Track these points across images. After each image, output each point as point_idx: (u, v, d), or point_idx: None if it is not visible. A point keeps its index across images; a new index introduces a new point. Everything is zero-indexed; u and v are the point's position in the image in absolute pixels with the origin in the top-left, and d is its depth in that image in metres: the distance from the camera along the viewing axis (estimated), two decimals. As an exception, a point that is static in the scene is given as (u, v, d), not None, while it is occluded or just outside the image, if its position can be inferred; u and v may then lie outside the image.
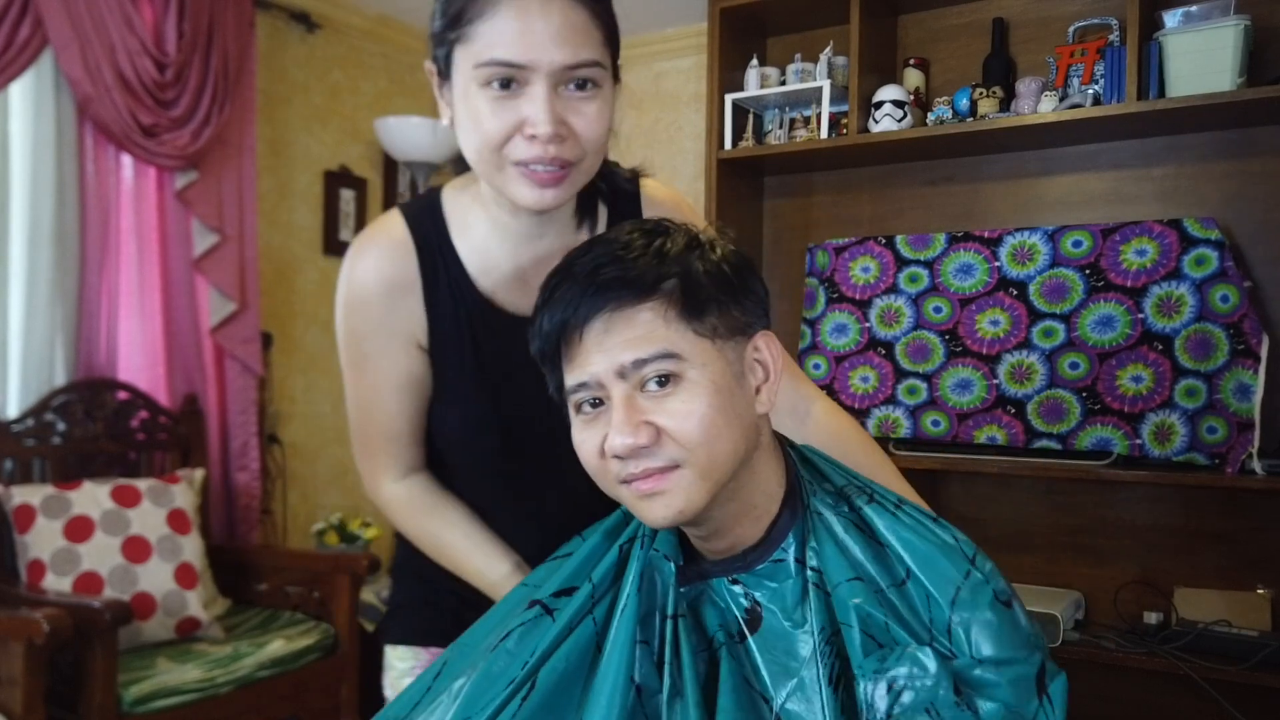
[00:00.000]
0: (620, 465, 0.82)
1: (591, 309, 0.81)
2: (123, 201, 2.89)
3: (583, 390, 0.83)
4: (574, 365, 0.83)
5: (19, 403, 2.68)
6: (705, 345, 0.82)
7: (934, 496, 2.85)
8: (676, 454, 0.81)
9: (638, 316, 0.81)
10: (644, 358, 0.80)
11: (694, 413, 0.80)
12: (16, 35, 2.56)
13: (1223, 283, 2.34)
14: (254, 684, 2.48)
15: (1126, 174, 2.64)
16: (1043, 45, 2.71)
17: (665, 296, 0.82)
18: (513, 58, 0.92)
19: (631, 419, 0.80)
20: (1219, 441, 2.31)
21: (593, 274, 0.82)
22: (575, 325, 0.82)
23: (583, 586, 0.90)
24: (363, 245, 1.11)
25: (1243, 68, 2.31)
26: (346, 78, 3.63)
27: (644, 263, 0.82)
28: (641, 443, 0.80)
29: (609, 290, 0.81)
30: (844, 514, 0.87)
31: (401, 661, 1.19)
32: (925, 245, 2.68)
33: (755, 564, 0.87)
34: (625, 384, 0.81)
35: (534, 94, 0.93)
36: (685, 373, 0.81)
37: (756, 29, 3.11)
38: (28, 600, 2.24)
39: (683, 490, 0.81)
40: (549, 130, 0.93)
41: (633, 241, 0.84)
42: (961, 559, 0.82)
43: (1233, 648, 2.25)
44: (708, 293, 0.83)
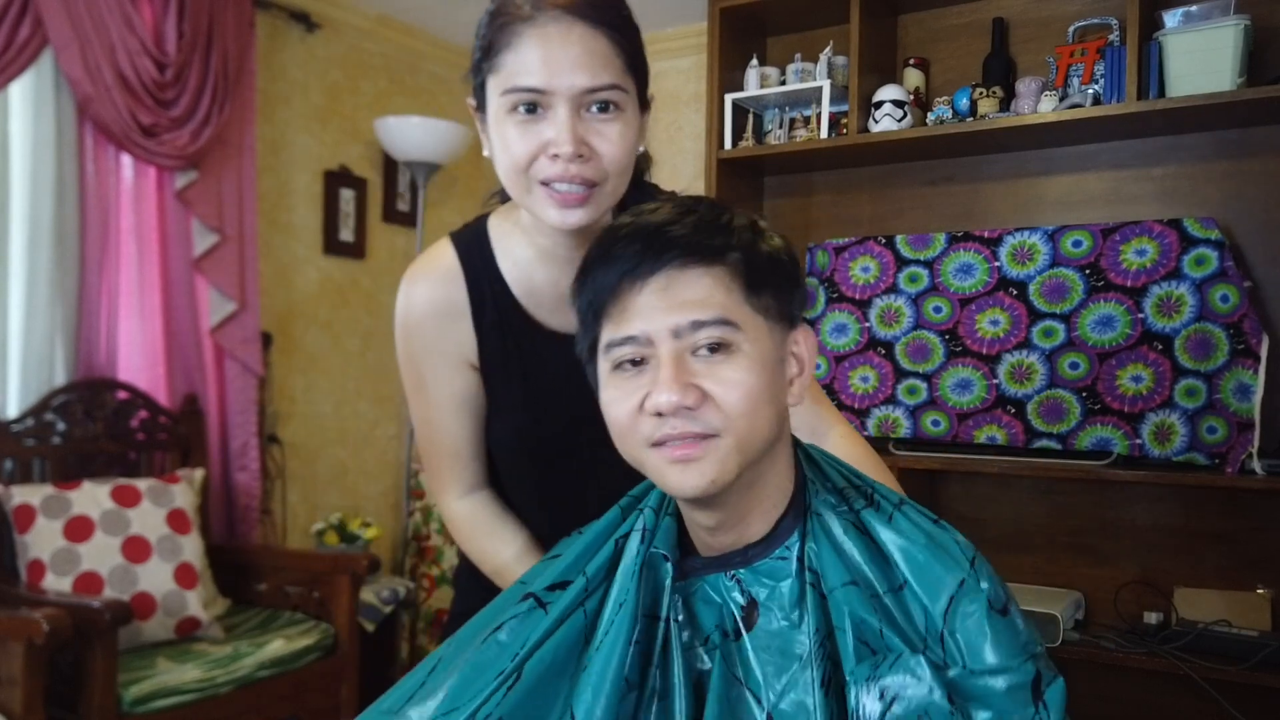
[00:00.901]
0: (656, 424, 0.81)
1: (656, 264, 0.81)
2: (123, 201, 2.89)
3: (629, 345, 0.82)
4: (624, 319, 0.82)
5: (19, 402, 2.68)
6: (759, 321, 0.83)
7: (934, 496, 2.84)
8: (717, 422, 0.80)
9: (701, 279, 0.81)
10: (703, 320, 0.80)
11: (742, 383, 0.80)
12: (16, 35, 2.56)
13: (1223, 283, 2.33)
14: (254, 684, 2.48)
15: (1126, 174, 2.64)
16: (1043, 45, 2.71)
17: (730, 266, 0.82)
18: (535, 83, 0.99)
19: (680, 377, 0.80)
20: (1219, 441, 2.31)
21: (658, 231, 0.82)
22: (637, 278, 0.81)
23: (576, 580, 0.90)
24: (416, 275, 1.18)
25: (1243, 68, 2.31)
26: (346, 77, 3.63)
27: (711, 229, 0.82)
28: (688, 402, 0.79)
29: (674, 248, 0.81)
30: (844, 515, 0.87)
31: None
32: (925, 245, 2.68)
33: (756, 559, 0.86)
34: (677, 344, 0.81)
35: (556, 117, 0.99)
36: (738, 343, 0.81)
37: (756, 29, 3.11)
38: (28, 600, 2.24)
39: (718, 460, 0.81)
40: (570, 150, 0.99)
41: (697, 209, 0.85)
42: (958, 565, 0.81)
43: (1233, 648, 2.25)
44: (766, 273, 0.84)
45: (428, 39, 3.87)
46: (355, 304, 3.66)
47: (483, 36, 1.04)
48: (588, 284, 0.85)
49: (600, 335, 0.85)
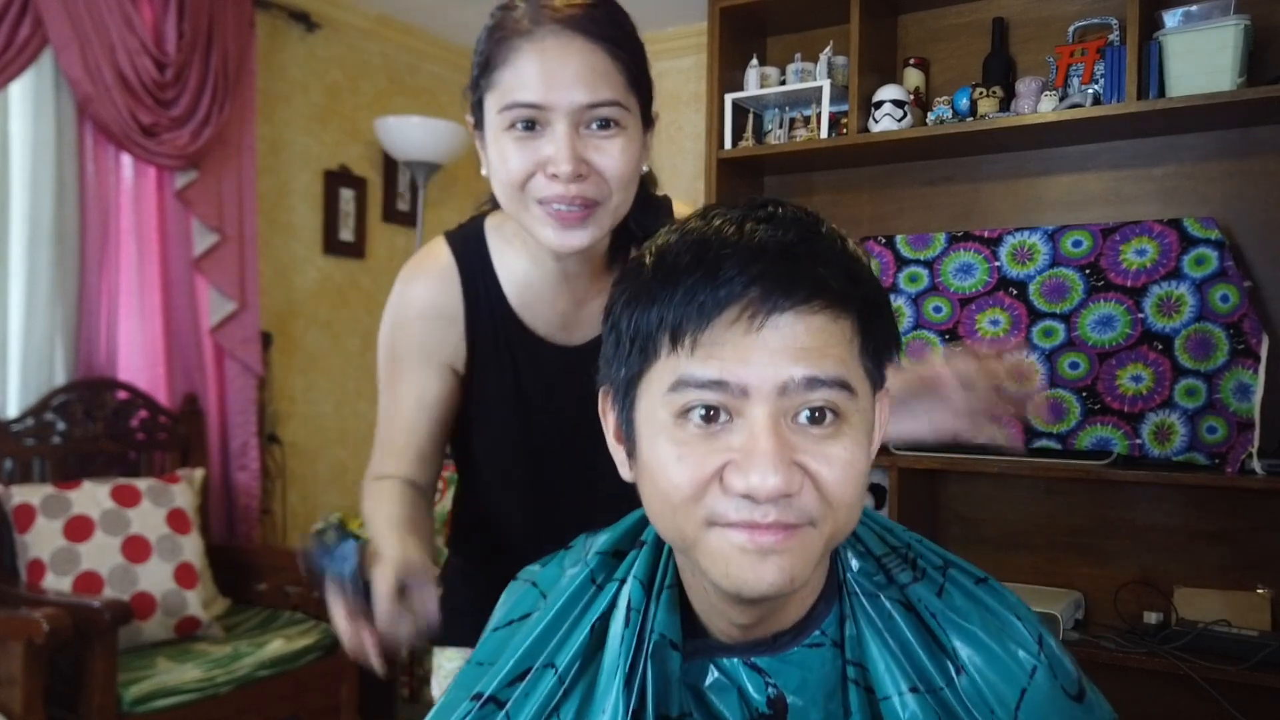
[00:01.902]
0: (735, 505, 0.63)
1: (778, 298, 0.62)
2: (123, 201, 2.89)
3: (712, 390, 0.63)
4: (709, 355, 0.63)
5: (19, 402, 2.68)
6: (868, 388, 0.67)
7: (934, 496, 2.84)
8: (816, 510, 0.64)
9: (834, 327, 0.64)
10: (820, 378, 0.63)
11: (852, 464, 0.64)
12: (16, 35, 2.56)
13: (1223, 282, 2.33)
14: (254, 684, 2.48)
15: (1126, 174, 2.64)
16: (1043, 45, 2.71)
17: (855, 316, 0.66)
18: (533, 99, 0.96)
19: (784, 454, 0.62)
20: (1219, 441, 2.31)
21: (787, 254, 0.63)
22: (747, 311, 0.62)
23: (544, 676, 0.72)
24: (412, 273, 1.15)
25: (1243, 67, 2.31)
26: (346, 77, 3.63)
27: (841, 263, 0.66)
28: (791, 488, 0.62)
29: (803, 283, 0.63)
30: (889, 593, 0.73)
31: (451, 662, 1.25)
32: (925, 245, 2.68)
33: (786, 648, 0.71)
34: (778, 404, 0.63)
35: (554, 134, 0.96)
36: (850, 413, 0.65)
37: (756, 29, 3.11)
38: (27, 600, 2.24)
39: (804, 554, 0.64)
40: (568, 169, 0.95)
41: (819, 230, 0.67)
42: (1025, 649, 0.71)
43: (1233, 648, 2.25)
44: (885, 325, 0.68)
45: (428, 39, 3.87)
46: (355, 304, 3.66)
47: (481, 52, 1.01)
48: (660, 298, 0.65)
49: (654, 368, 0.66)
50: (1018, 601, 0.75)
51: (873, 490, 2.77)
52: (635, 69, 1.00)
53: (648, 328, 0.66)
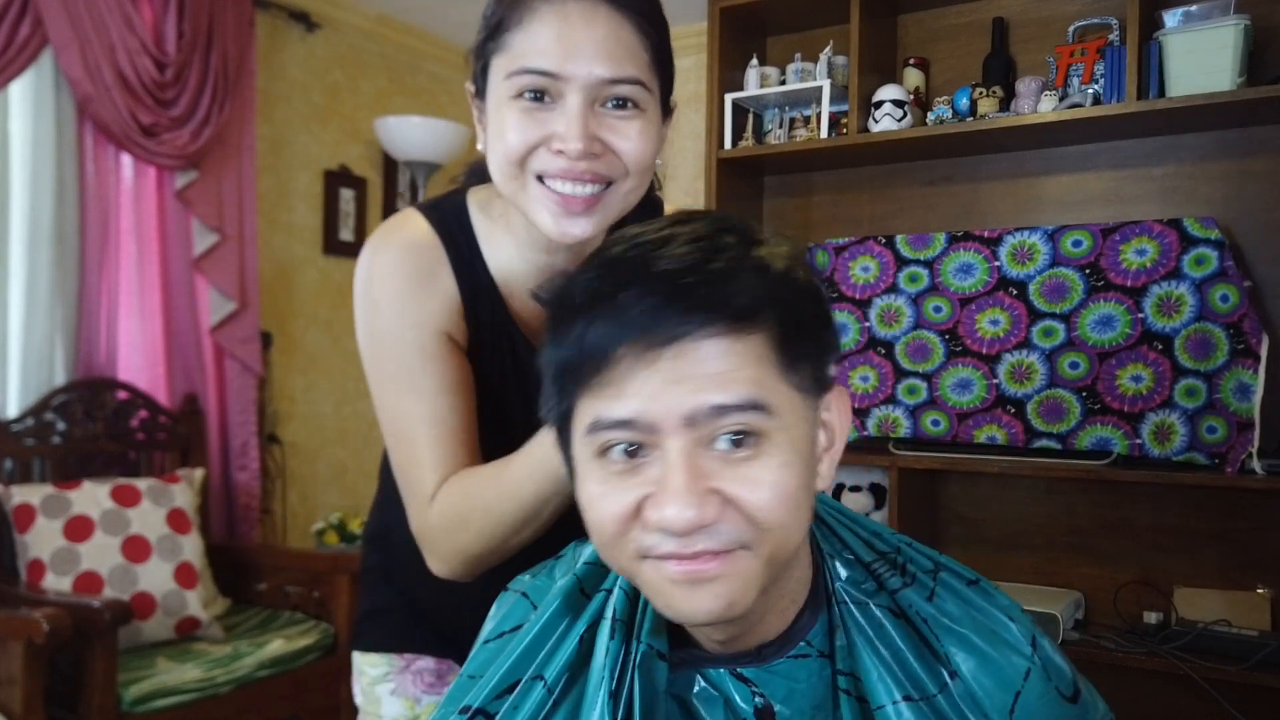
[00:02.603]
0: (658, 539, 0.62)
1: (672, 328, 0.60)
2: (123, 201, 2.89)
3: (622, 430, 0.62)
4: (618, 395, 0.62)
5: (19, 402, 2.68)
6: (796, 400, 0.64)
7: (934, 496, 2.84)
8: (744, 534, 0.62)
9: (733, 349, 0.61)
10: (727, 404, 0.61)
11: (776, 484, 0.62)
12: (16, 35, 2.56)
13: (1223, 282, 2.33)
14: (253, 684, 2.48)
15: (1126, 174, 2.64)
16: (1043, 45, 2.71)
17: (764, 330, 0.63)
18: (547, 66, 0.85)
19: (697, 484, 0.61)
20: (1219, 441, 2.31)
21: (675, 281, 0.61)
22: (643, 345, 0.61)
23: (533, 688, 0.71)
24: (383, 242, 0.99)
25: (1243, 67, 2.31)
26: (346, 77, 3.63)
27: (743, 278, 0.62)
28: (708, 518, 0.61)
29: (697, 309, 0.61)
30: (879, 602, 0.72)
31: (374, 668, 1.15)
32: (925, 245, 2.68)
33: (771, 658, 0.70)
34: (690, 435, 0.61)
35: (567, 107, 0.86)
36: (770, 432, 0.62)
37: (756, 28, 3.11)
38: (27, 600, 2.24)
39: (741, 579, 0.63)
40: (579, 146, 0.85)
41: (724, 244, 0.64)
42: (1018, 652, 0.71)
43: (1233, 648, 2.25)
44: (809, 333, 0.65)
45: (428, 39, 3.87)
46: (355, 304, 3.66)
47: (491, 12, 0.90)
48: (564, 338, 0.64)
49: (577, 408, 0.65)
50: (1010, 603, 0.74)
51: (872, 490, 2.77)
52: (661, 49, 0.91)
53: (559, 369, 0.65)
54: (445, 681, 1.15)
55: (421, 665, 1.15)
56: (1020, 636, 0.71)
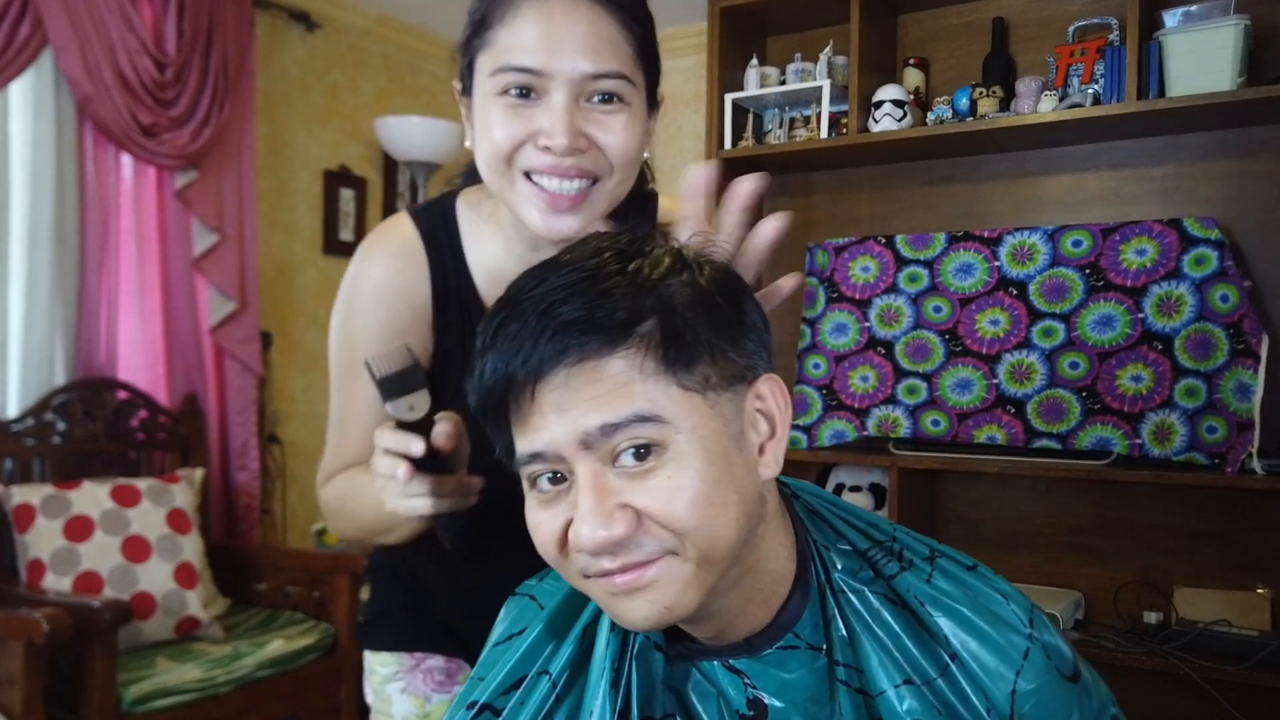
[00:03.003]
0: (588, 560, 0.65)
1: (545, 359, 0.63)
2: (123, 201, 2.89)
3: (537, 462, 0.66)
4: (526, 429, 0.66)
5: (19, 402, 2.68)
6: (695, 402, 0.65)
7: (934, 496, 2.84)
8: (666, 542, 0.64)
9: (606, 368, 0.63)
10: (614, 422, 0.63)
11: (683, 490, 0.63)
12: (16, 35, 2.56)
13: (1223, 282, 2.33)
14: (253, 684, 2.48)
15: (1126, 174, 2.64)
16: (1043, 45, 2.71)
17: (642, 341, 0.64)
18: (531, 63, 0.86)
19: (603, 504, 0.63)
20: (1219, 441, 2.31)
21: (547, 311, 0.64)
22: (525, 380, 0.64)
23: (539, 683, 0.74)
24: (372, 248, 1.03)
25: (1243, 67, 2.31)
26: (346, 77, 3.63)
27: (615, 295, 0.64)
28: (619, 534, 0.63)
29: (568, 334, 0.63)
30: (875, 589, 0.73)
31: (384, 667, 1.16)
32: (925, 245, 2.68)
33: (762, 649, 0.71)
34: (592, 457, 0.64)
35: (551, 104, 0.87)
36: (669, 440, 0.64)
37: (756, 28, 3.11)
38: (27, 600, 2.24)
39: (673, 582, 0.65)
40: (564, 142, 0.86)
41: (602, 265, 0.66)
42: (1016, 631, 0.71)
43: (1233, 648, 2.25)
44: (697, 333, 0.65)
45: (428, 39, 3.87)
46: (355, 304, 3.66)
47: (475, 9, 0.93)
48: (475, 384, 0.68)
49: (511, 443, 0.68)
50: (1009, 587, 0.75)
51: (872, 490, 2.77)
52: (645, 43, 0.92)
53: (481, 407, 0.69)
54: (455, 680, 1.15)
55: (431, 664, 1.15)
56: (1018, 618, 0.72)
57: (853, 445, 2.74)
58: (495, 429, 0.69)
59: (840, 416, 2.73)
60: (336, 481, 1.02)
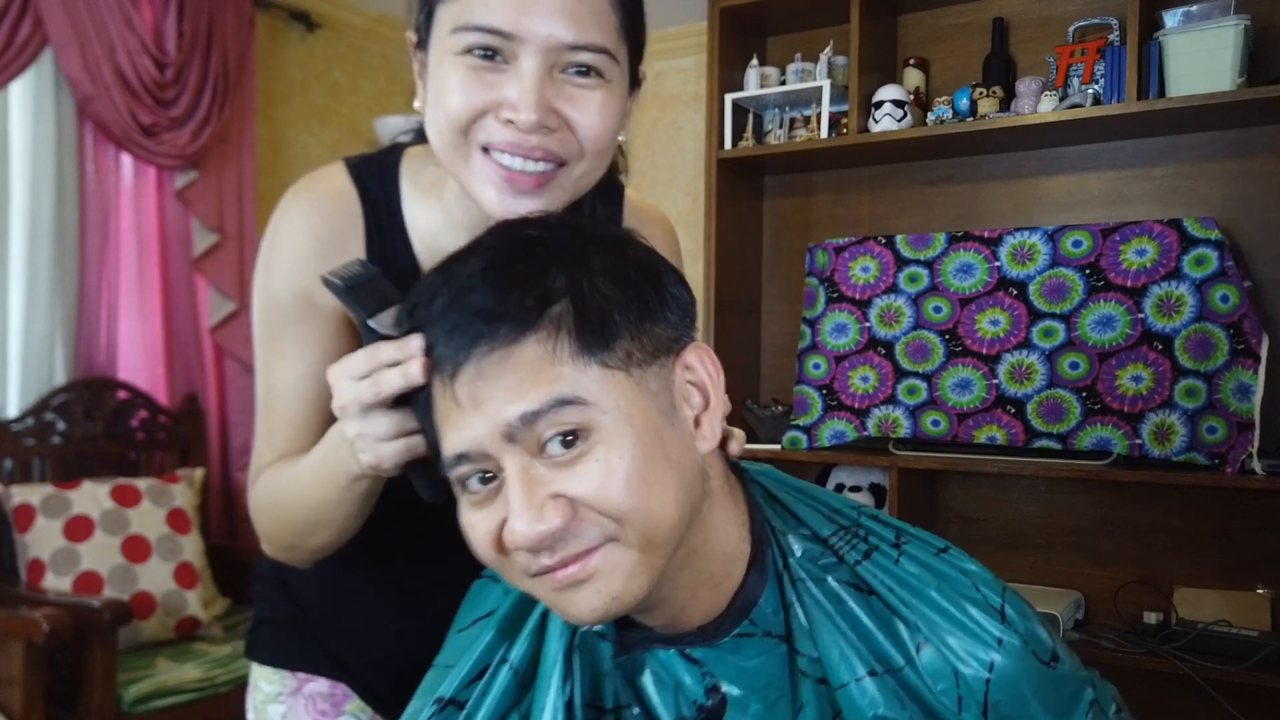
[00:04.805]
0: (527, 559, 0.62)
1: (456, 351, 0.61)
2: (123, 201, 2.90)
3: (464, 463, 0.63)
4: (449, 429, 0.63)
5: (19, 402, 2.68)
6: (618, 380, 0.62)
7: (934, 496, 2.84)
8: (605, 529, 0.62)
9: (519, 355, 0.61)
10: (534, 409, 0.60)
11: (615, 472, 0.61)
12: (16, 34, 2.56)
13: (1223, 283, 2.33)
14: (254, 684, 2.48)
15: (1126, 174, 2.64)
16: (1043, 45, 2.71)
17: (554, 323, 0.61)
18: (499, 24, 0.74)
19: (534, 496, 0.61)
20: (1219, 441, 2.31)
21: (456, 303, 0.62)
22: (449, 377, 0.62)
23: (500, 672, 0.73)
24: (299, 195, 0.91)
25: (1243, 68, 2.31)
26: (346, 77, 3.63)
27: (523, 280, 0.62)
28: (554, 526, 0.60)
29: (476, 324, 0.61)
30: (838, 576, 0.70)
31: (269, 685, 1.06)
32: (925, 245, 2.68)
33: (717, 638, 0.69)
34: (518, 449, 0.61)
35: (520, 71, 0.74)
36: (595, 422, 0.61)
37: (756, 28, 3.11)
38: (27, 600, 2.24)
39: (618, 570, 0.62)
40: (532, 117, 0.74)
41: (510, 249, 0.64)
42: (989, 615, 0.68)
43: (1233, 648, 2.25)
44: (613, 308, 0.63)
45: (428, 39, 3.87)
46: (355, 304, 3.66)
47: None
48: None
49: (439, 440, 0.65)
50: (981, 569, 0.72)
51: (872, 490, 2.77)
52: (632, 12, 0.80)
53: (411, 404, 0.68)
54: (339, 710, 1.04)
55: (314, 689, 1.05)
56: (991, 601, 0.69)
57: (853, 445, 2.74)
58: (428, 427, 0.67)
59: (840, 416, 2.73)
60: (265, 477, 0.88)
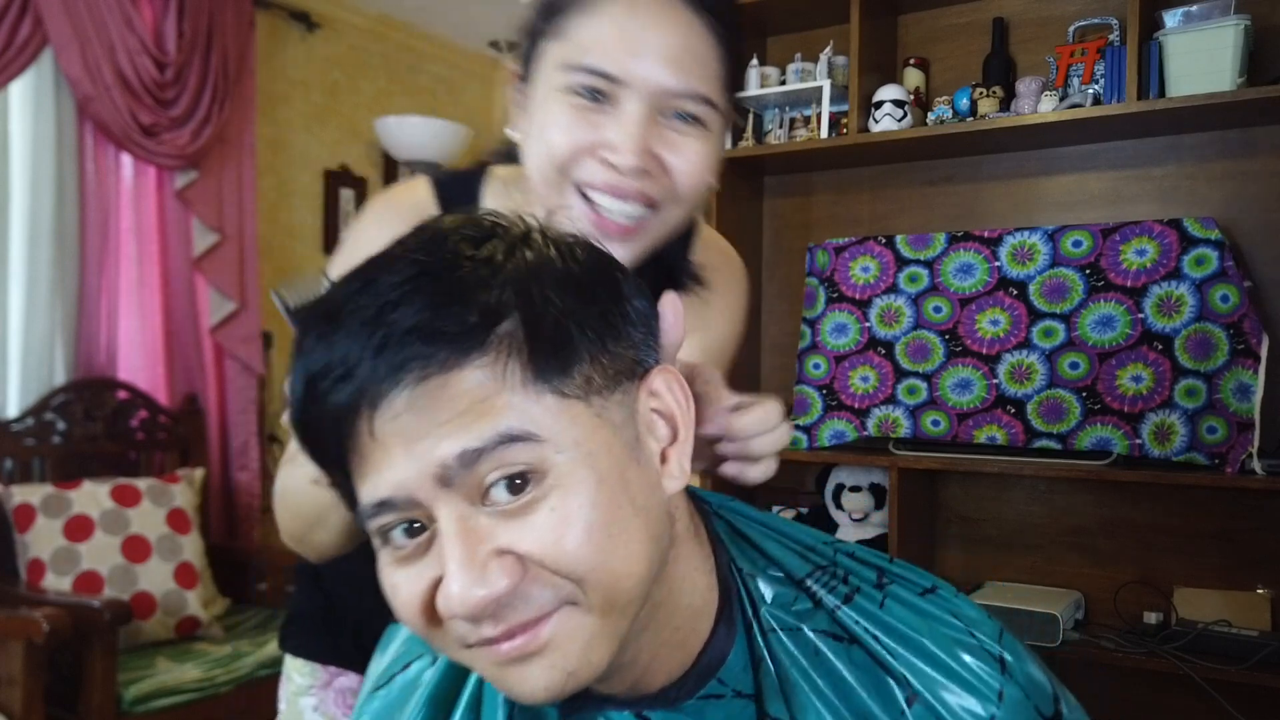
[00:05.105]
0: (466, 628, 0.52)
1: (380, 380, 0.49)
2: (123, 201, 2.90)
3: (386, 512, 0.52)
4: (366, 471, 0.52)
5: (19, 402, 2.68)
6: (576, 411, 0.52)
7: (934, 496, 2.84)
8: (561, 590, 0.51)
9: (459, 382, 0.50)
10: (476, 447, 0.49)
11: (573, 522, 0.51)
12: (16, 34, 2.56)
13: (1223, 283, 2.33)
14: (253, 683, 2.48)
15: (1126, 174, 2.64)
16: (1043, 45, 2.71)
17: (502, 343, 0.50)
18: (608, 68, 0.75)
19: (475, 554, 0.50)
20: (1219, 441, 2.31)
21: (378, 319, 0.50)
22: (356, 410, 0.50)
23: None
24: (381, 208, 0.92)
25: (1243, 68, 2.31)
26: (346, 77, 3.63)
27: (463, 290, 0.50)
28: (499, 589, 0.50)
29: (406, 345, 0.49)
30: (815, 624, 0.62)
31: (301, 677, 1.11)
32: (925, 245, 2.68)
33: (680, 699, 0.60)
34: (455, 496, 0.50)
35: (624, 114, 0.76)
36: (549, 462, 0.51)
37: (756, 28, 3.11)
38: (28, 600, 2.24)
39: (574, 639, 0.52)
40: (632, 162, 0.75)
41: (445, 253, 0.52)
42: (988, 663, 0.61)
43: (1233, 648, 2.25)
44: (570, 326, 0.52)
45: (428, 39, 3.87)
46: (355, 304, 3.66)
47: None
48: (296, 415, 0.54)
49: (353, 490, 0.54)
50: (976, 611, 0.64)
51: (872, 490, 2.77)
52: (735, 61, 0.81)
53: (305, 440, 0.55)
54: None
55: (344, 683, 1.08)
56: (988, 648, 0.61)
57: (853, 445, 2.74)
58: (331, 475, 0.55)
59: (840, 416, 2.73)
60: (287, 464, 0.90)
